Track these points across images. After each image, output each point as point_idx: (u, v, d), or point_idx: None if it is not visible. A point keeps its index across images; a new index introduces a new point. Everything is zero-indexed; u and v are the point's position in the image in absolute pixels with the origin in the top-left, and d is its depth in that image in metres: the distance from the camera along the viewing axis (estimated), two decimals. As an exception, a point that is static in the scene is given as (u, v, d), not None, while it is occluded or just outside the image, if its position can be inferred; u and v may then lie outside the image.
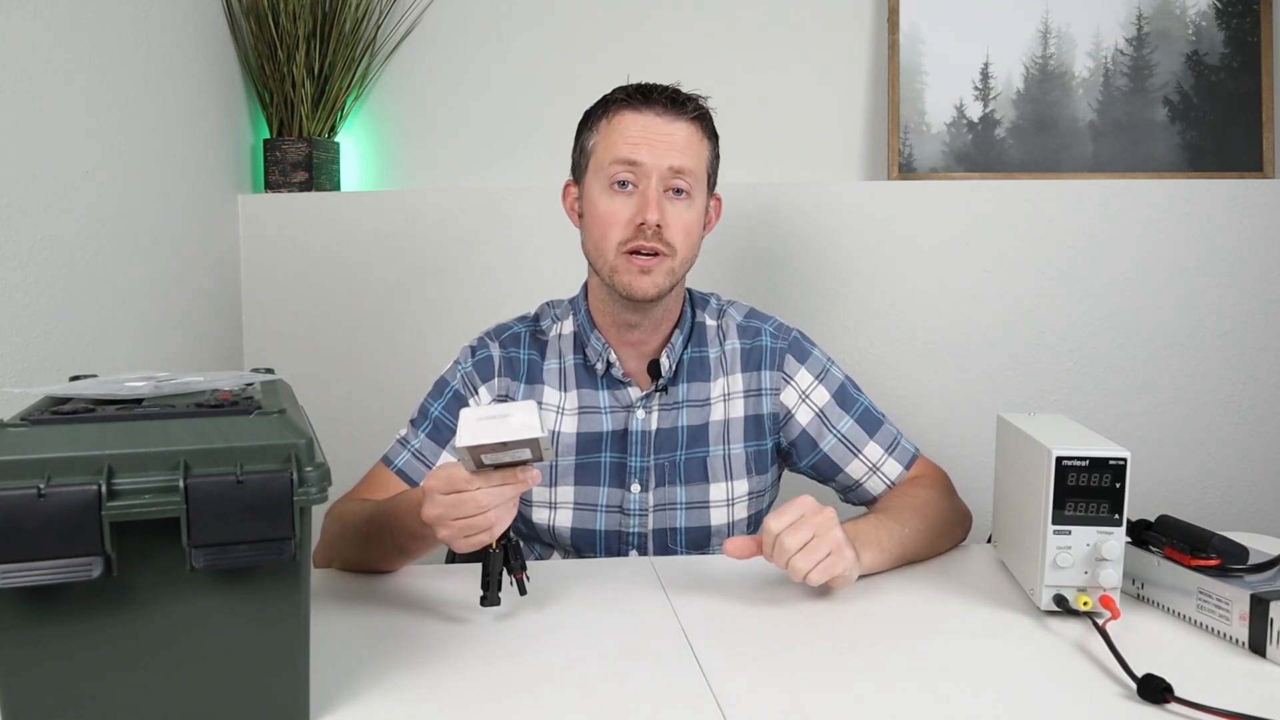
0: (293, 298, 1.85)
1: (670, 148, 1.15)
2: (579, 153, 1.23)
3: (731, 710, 0.77)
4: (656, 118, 1.16)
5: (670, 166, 1.15)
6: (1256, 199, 1.86)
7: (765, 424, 1.25)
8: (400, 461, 1.21)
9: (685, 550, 1.23)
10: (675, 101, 1.17)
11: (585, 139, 1.21)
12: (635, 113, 1.16)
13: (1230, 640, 0.90)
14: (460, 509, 0.90)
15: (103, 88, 1.38)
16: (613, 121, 1.17)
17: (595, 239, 1.18)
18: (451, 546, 0.94)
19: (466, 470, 0.89)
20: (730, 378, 1.25)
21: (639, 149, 1.15)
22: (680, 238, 1.16)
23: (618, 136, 1.16)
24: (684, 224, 1.17)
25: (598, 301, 1.23)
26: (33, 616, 0.66)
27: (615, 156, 1.15)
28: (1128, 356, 1.89)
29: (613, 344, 1.23)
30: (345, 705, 0.78)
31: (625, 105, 1.17)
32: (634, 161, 1.15)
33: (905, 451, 1.26)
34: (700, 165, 1.18)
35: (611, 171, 1.16)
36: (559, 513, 1.22)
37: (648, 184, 1.15)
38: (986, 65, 1.93)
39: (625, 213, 1.15)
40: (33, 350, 1.23)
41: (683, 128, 1.16)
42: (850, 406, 1.25)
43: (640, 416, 1.22)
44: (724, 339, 1.26)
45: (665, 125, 1.16)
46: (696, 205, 1.19)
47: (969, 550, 1.19)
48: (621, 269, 1.15)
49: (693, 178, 1.17)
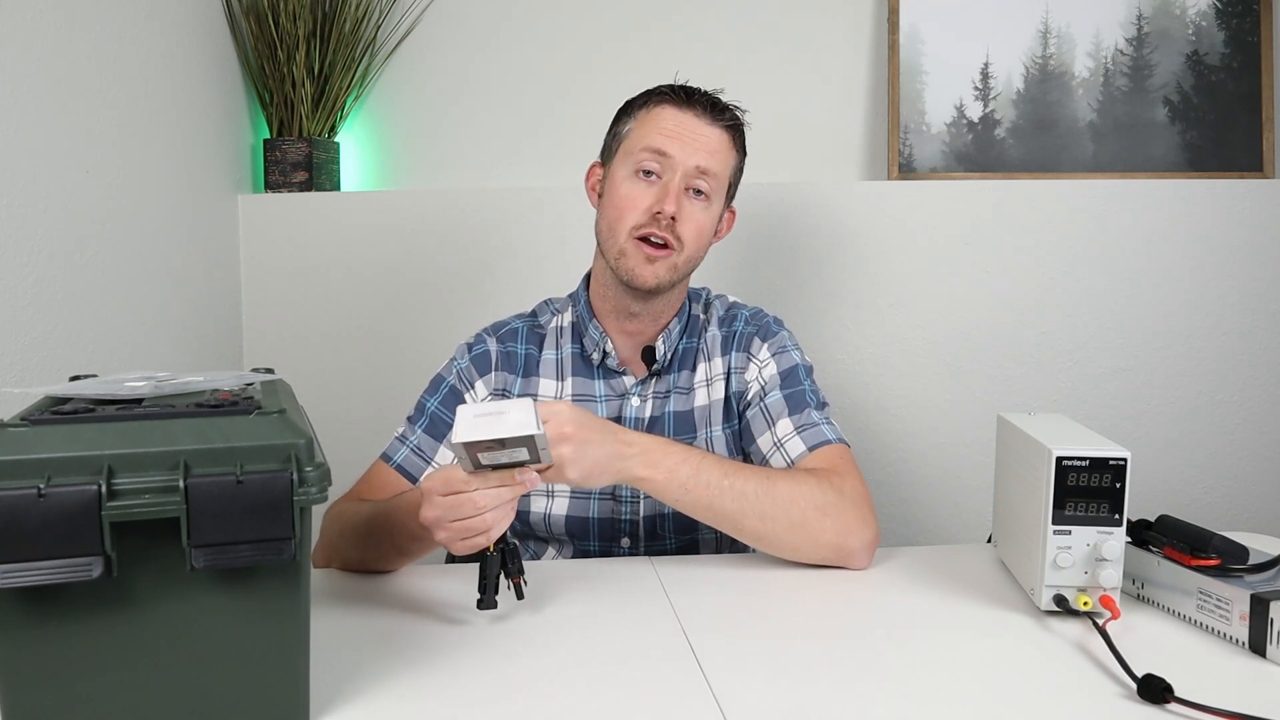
0: (293, 298, 1.85)
1: (701, 147, 1.18)
2: (612, 137, 1.26)
3: (731, 710, 0.77)
4: (695, 117, 1.19)
5: (697, 165, 1.18)
6: (1256, 199, 1.86)
7: (734, 404, 1.26)
8: (399, 458, 1.22)
9: (673, 536, 1.24)
10: (715, 106, 1.20)
11: (622, 124, 1.25)
12: (676, 109, 1.20)
13: (1230, 640, 0.90)
14: (458, 511, 0.90)
15: (103, 88, 1.38)
16: (652, 112, 1.21)
17: (610, 219, 1.21)
18: (449, 548, 0.94)
19: (464, 471, 0.89)
20: (710, 363, 1.27)
21: (671, 141, 1.18)
22: (691, 235, 1.19)
23: (653, 126, 1.19)
24: (698, 223, 1.20)
25: (600, 288, 1.26)
26: (33, 616, 0.66)
27: (647, 144, 1.18)
28: (1128, 356, 1.89)
29: (610, 332, 1.26)
30: (345, 705, 0.78)
31: (668, 99, 1.21)
32: (664, 152, 1.18)
33: (817, 434, 1.18)
34: (725, 171, 1.22)
35: (640, 158, 1.19)
36: (556, 500, 1.23)
37: (672, 177, 1.18)
38: (986, 65, 1.93)
39: (645, 200, 1.18)
40: (33, 350, 1.23)
41: (716, 133, 1.20)
42: (789, 385, 1.22)
43: (634, 404, 1.25)
44: (707, 328, 1.29)
45: (701, 126, 1.19)
46: (713, 209, 1.22)
47: (969, 550, 1.19)
48: (630, 253, 1.18)
49: (715, 181, 1.20)
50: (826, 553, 1.08)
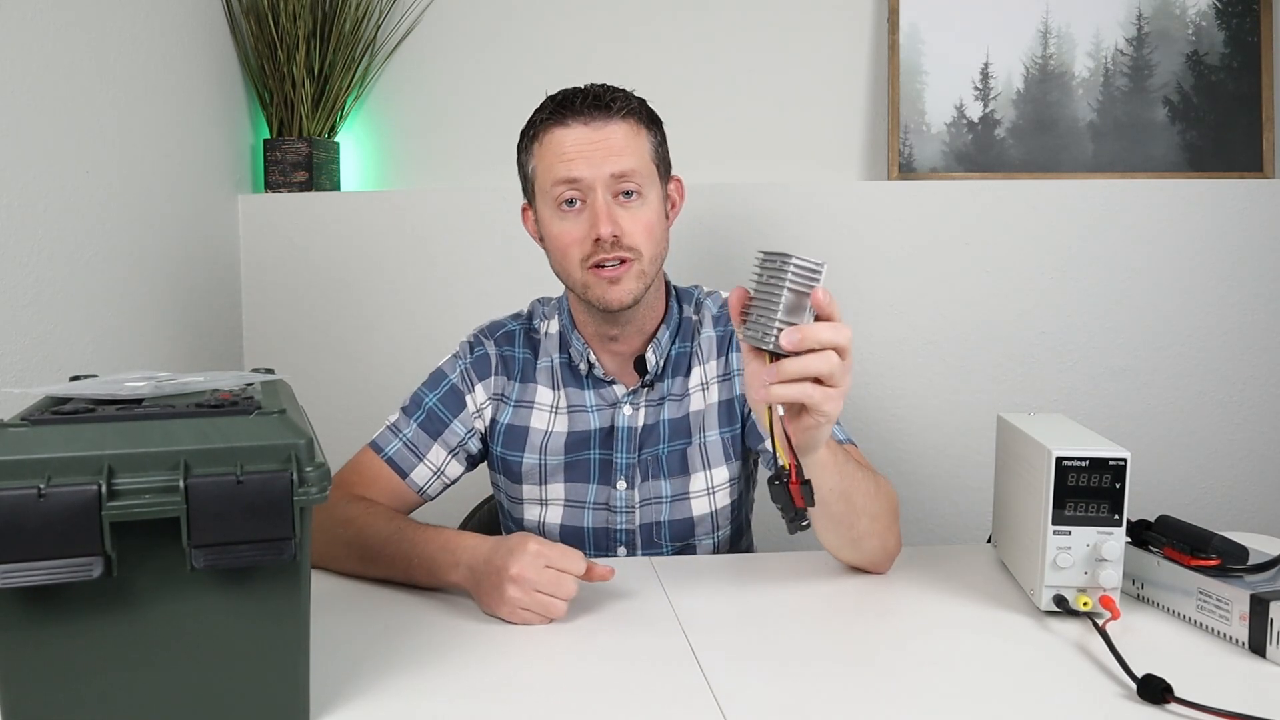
0: (293, 298, 1.85)
1: (607, 154, 1.12)
2: (523, 178, 1.21)
3: (731, 710, 0.77)
4: (584, 127, 1.12)
5: (611, 174, 1.12)
6: (1256, 199, 1.86)
7: (736, 406, 1.23)
8: (391, 450, 1.20)
9: (670, 544, 1.23)
10: (600, 105, 1.13)
11: (524, 163, 1.20)
12: (562, 128, 1.13)
13: (1230, 640, 0.90)
14: (558, 588, 0.94)
15: (103, 88, 1.38)
16: (543, 142, 1.15)
17: (558, 260, 1.17)
18: (500, 611, 0.95)
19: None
20: (706, 366, 1.24)
21: (574, 164, 1.12)
22: (642, 239, 1.14)
23: (551, 157, 1.14)
24: (643, 224, 1.14)
25: (578, 312, 1.23)
26: (33, 616, 0.66)
27: (555, 177, 1.13)
28: (1128, 356, 1.89)
29: (596, 350, 1.23)
30: (345, 705, 0.78)
31: (551, 122, 1.14)
32: (573, 179, 1.12)
33: (840, 430, 1.18)
34: (644, 160, 1.15)
35: (555, 193, 1.14)
36: (549, 510, 1.22)
37: (594, 197, 1.12)
38: (986, 65, 1.93)
39: (578, 230, 1.13)
40: (33, 350, 1.23)
41: (615, 129, 1.13)
42: None
43: (627, 413, 1.22)
44: (700, 329, 1.26)
45: (595, 133, 1.12)
46: (651, 201, 1.15)
47: (969, 550, 1.19)
48: (591, 284, 1.14)
49: (639, 176, 1.14)
50: (881, 560, 1.08)
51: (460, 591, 1.01)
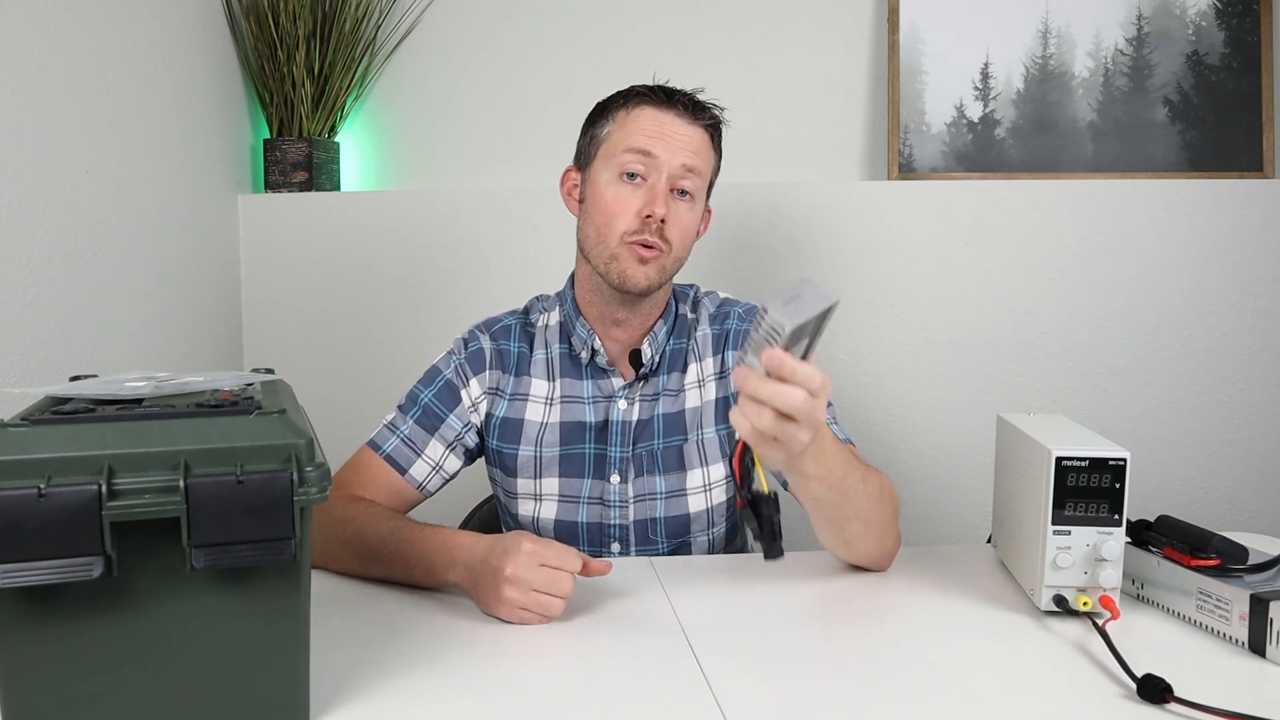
0: (293, 298, 1.85)
1: (685, 147, 1.17)
2: (588, 140, 1.24)
3: (731, 710, 0.77)
4: (676, 117, 1.18)
5: (683, 164, 1.17)
6: (1256, 199, 1.86)
7: (732, 404, 1.23)
8: (389, 448, 1.21)
9: (665, 540, 1.23)
10: (695, 106, 1.19)
11: (599, 127, 1.22)
12: (656, 109, 1.18)
13: (1230, 640, 0.90)
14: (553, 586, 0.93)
15: (103, 88, 1.38)
16: (632, 113, 1.19)
17: (598, 225, 1.19)
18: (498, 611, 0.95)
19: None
20: (702, 363, 1.26)
21: (655, 142, 1.16)
22: (678, 237, 1.18)
23: (635, 127, 1.18)
24: (684, 224, 1.19)
25: (585, 293, 1.25)
26: (33, 616, 0.66)
27: (630, 145, 1.17)
28: (1128, 356, 1.89)
29: (597, 332, 1.24)
30: (345, 705, 0.78)
31: (647, 100, 1.19)
32: (649, 153, 1.16)
33: (840, 430, 1.19)
34: (707, 170, 1.21)
35: (624, 160, 1.17)
36: (544, 504, 1.22)
37: (658, 178, 1.16)
38: (986, 65, 1.93)
39: (634, 203, 1.17)
40: (33, 350, 1.23)
41: (698, 132, 1.19)
42: None
43: (621, 407, 1.23)
44: (697, 327, 1.28)
45: (683, 125, 1.18)
46: (696, 209, 1.22)
47: (969, 550, 1.19)
48: (622, 256, 1.17)
49: (699, 180, 1.20)
50: (878, 559, 1.09)
51: (459, 591, 1.01)
